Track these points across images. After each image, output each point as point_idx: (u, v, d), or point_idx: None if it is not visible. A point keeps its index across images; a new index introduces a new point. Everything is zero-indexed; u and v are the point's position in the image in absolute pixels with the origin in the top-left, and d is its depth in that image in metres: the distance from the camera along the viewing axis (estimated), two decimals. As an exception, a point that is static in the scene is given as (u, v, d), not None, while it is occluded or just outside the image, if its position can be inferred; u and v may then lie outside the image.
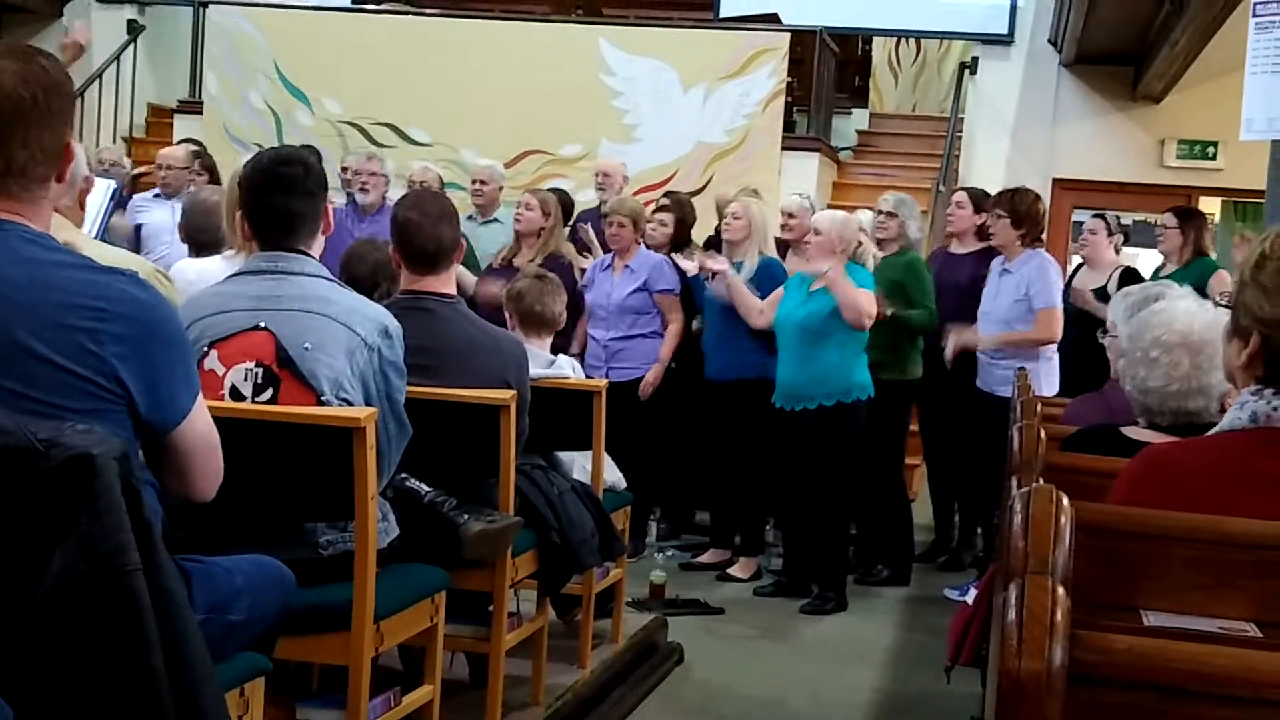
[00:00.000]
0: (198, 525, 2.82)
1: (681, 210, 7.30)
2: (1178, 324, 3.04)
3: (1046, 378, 6.11)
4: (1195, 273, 6.44)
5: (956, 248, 6.99)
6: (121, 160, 8.79)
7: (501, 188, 8.07)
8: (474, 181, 8.04)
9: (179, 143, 8.58)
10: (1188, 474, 2.24)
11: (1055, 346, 6.32)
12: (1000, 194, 6.56)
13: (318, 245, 3.30)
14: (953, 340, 6.39)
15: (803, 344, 6.03)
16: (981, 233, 6.78)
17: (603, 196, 7.79)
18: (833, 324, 5.97)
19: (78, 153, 3.19)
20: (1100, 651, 1.50)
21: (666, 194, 7.77)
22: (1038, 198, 6.58)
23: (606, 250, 6.94)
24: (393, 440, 3.27)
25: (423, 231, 3.87)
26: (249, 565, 2.62)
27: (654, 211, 7.13)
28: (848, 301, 5.91)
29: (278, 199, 3.22)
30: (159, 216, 7.63)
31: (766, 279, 6.44)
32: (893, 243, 6.64)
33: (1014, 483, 2.78)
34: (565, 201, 7.66)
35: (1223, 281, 6.52)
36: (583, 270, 7.00)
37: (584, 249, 7.25)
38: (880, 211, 6.75)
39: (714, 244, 7.03)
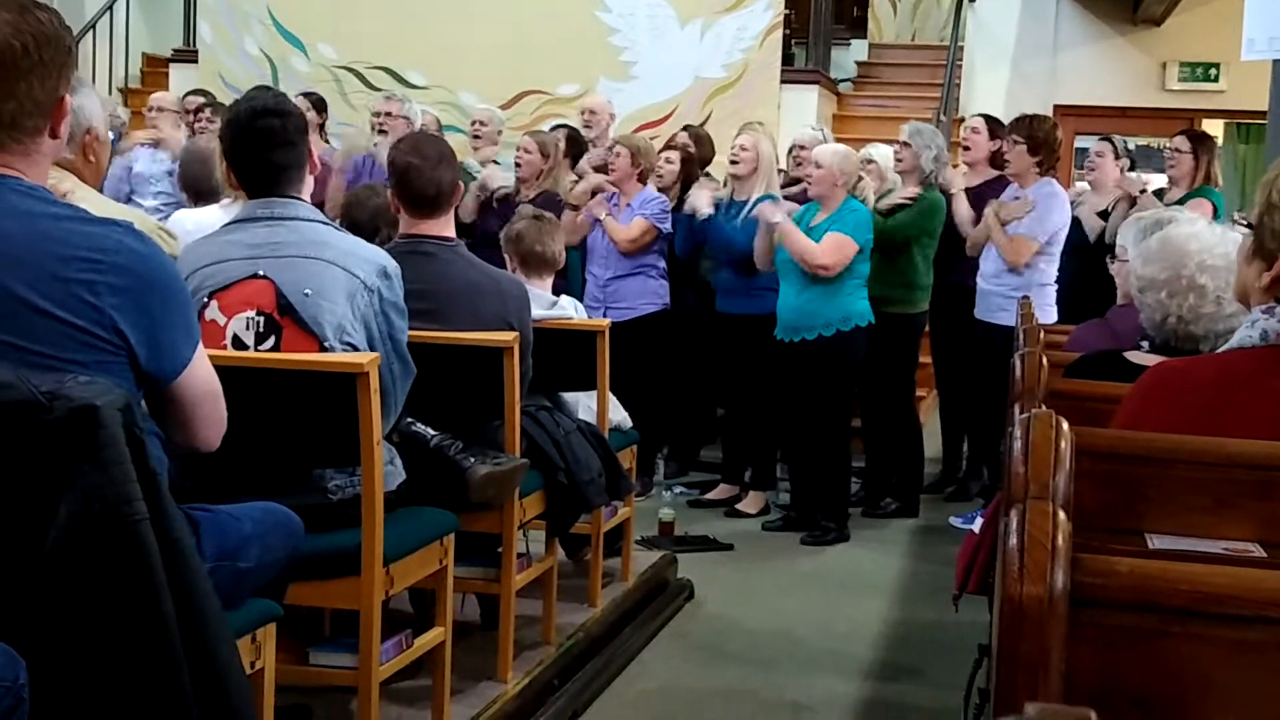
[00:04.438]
0: (206, 475, 2.83)
1: (698, 145, 7.25)
2: (1219, 247, 3.00)
3: (1042, 308, 6.09)
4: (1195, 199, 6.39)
5: (970, 178, 6.92)
6: (117, 110, 8.75)
7: (500, 130, 8.04)
8: (473, 123, 8.01)
9: (186, 95, 8.54)
10: (1198, 389, 2.25)
11: (1052, 278, 6.29)
12: (1018, 120, 6.49)
13: (308, 187, 3.30)
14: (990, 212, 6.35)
15: (801, 278, 6.03)
16: (994, 160, 6.74)
17: (589, 135, 7.74)
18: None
19: (90, 106, 3.20)
20: (1102, 574, 1.50)
21: (686, 127, 7.72)
22: (1056, 125, 6.53)
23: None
24: (398, 380, 3.28)
25: (422, 175, 3.85)
26: (257, 513, 2.63)
27: (660, 151, 7.08)
28: (796, 252, 5.92)
29: (260, 153, 3.21)
30: (146, 164, 7.62)
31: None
32: (910, 175, 6.58)
33: (1016, 410, 2.79)
34: (575, 138, 7.60)
35: (1203, 209, 6.44)
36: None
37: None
38: (897, 141, 6.69)
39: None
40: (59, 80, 2.18)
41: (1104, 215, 6.82)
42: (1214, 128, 11.06)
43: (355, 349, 3.16)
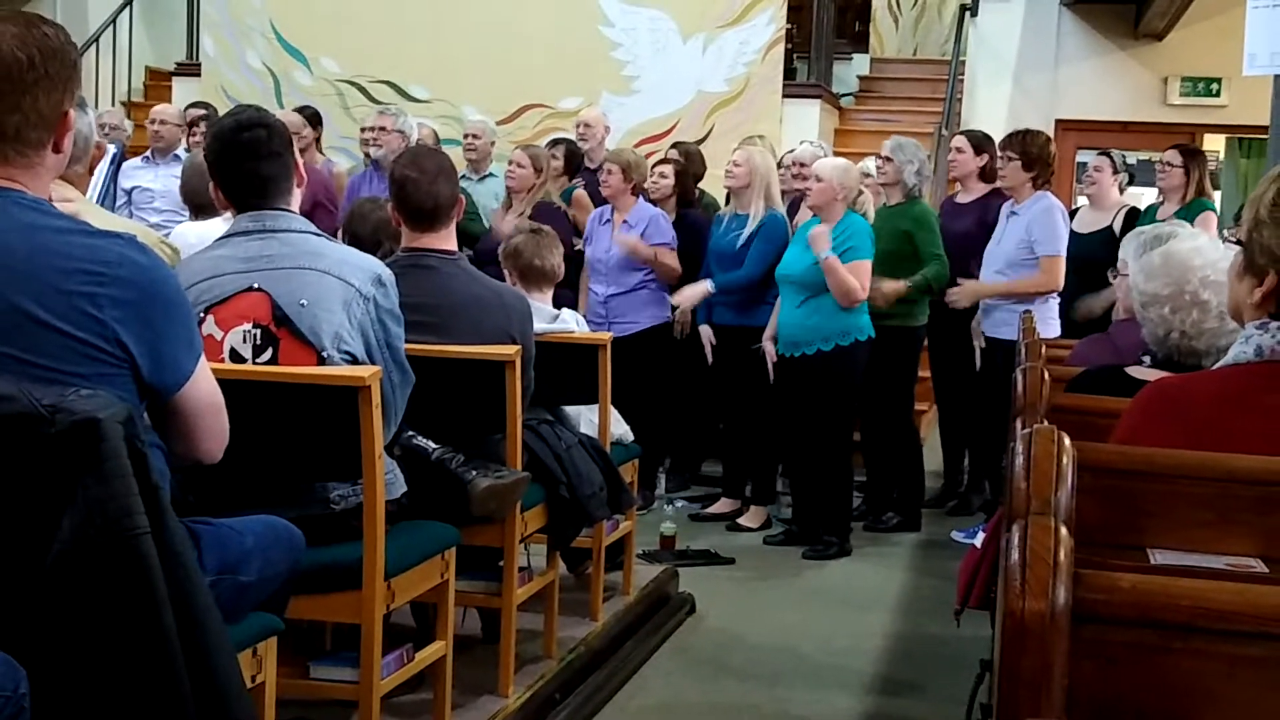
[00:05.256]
0: (208, 488, 2.83)
1: (689, 161, 7.26)
2: (1222, 262, 3.00)
3: (1045, 321, 6.10)
4: (1194, 213, 6.41)
5: (962, 195, 6.96)
6: (122, 123, 8.77)
7: (494, 142, 8.05)
8: (466, 136, 8.03)
9: (187, 107, 8.55)
10: (1194, 406, 2.26)
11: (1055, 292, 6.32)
12: (1011, 135, 6.51)
13: (295, 199, 3.30)
14: (959, 294, 6.38)
15: (801, 294, 6.04)
16: (985, 175, 6.76)
17: (584, 147, 7.77)
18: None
19: (87, 120, 3.23)
20: (1104, 590, 1.50)
21: (675, 145, 7.73)
22: (1049, 139, 6.54)
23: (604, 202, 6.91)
24: (397, 388, 3.29)
25: (420, 189, 3.86)
26: (258, 526, 2.63)
27: (655, 165, 7.10)
28: (838, 287, 5.92)
29: (246, 166, 3.21)
30: (146, 179, 7.63)
31: (768, 234, 6.41)
32: (894, 188, 6.60)
33: (1018, 425, 2.79)
34: (574, 152, 7.62)
35: (1209, 224, 6.46)
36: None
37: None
38: (879, 156, 6.72)
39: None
40: (64, 94, 2.19)
41: (1106, 231, 6.84)
42: (1215, 142, 11.11)
43: (353, 358, 3.16)
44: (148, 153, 7.96)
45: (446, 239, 3.96)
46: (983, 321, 6.44)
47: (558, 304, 4.93)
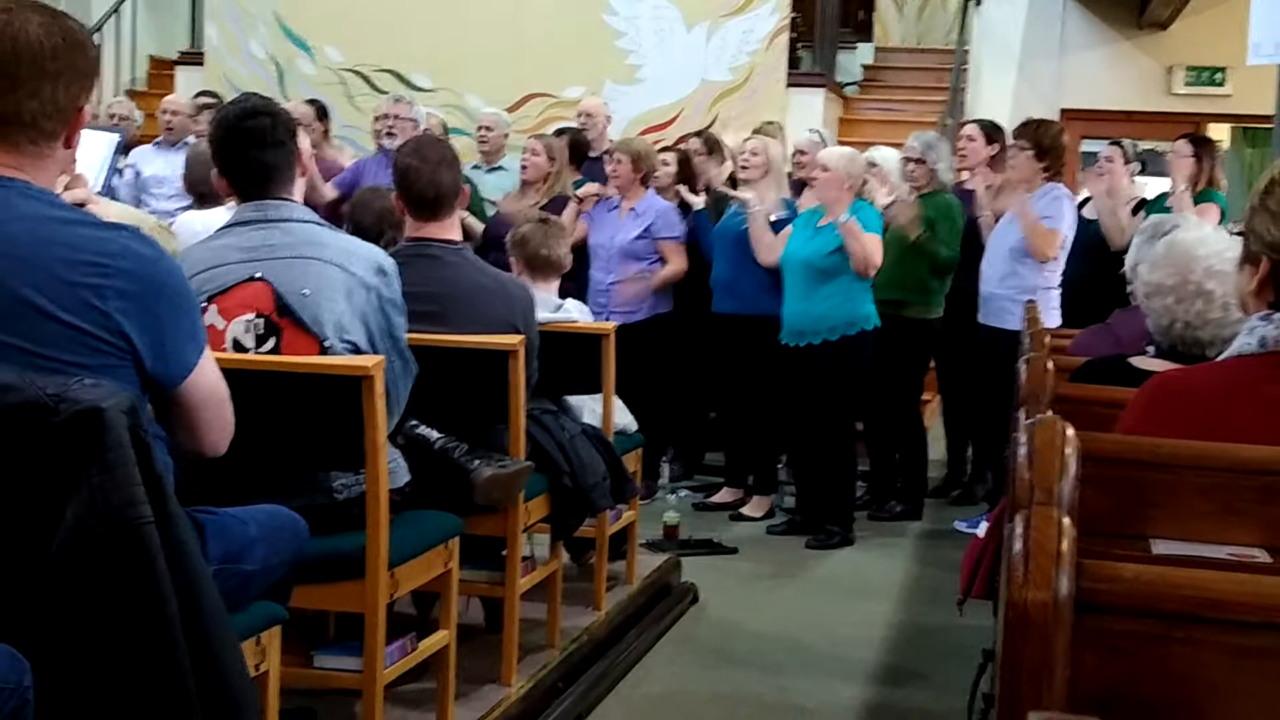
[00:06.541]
0: (212, 478, 2.83)
1: (711, 150, 7.22)
2: (1228, 252, 2.99)
3: (1046, 311, 6.08)
4: (1203, 203, 6.39)
5: (971, 182, 6.94)
6: (132, 114, 8.78)
7: (507, 134, 8.04)
8: (479, 128, 8.02)
9: (196, 95, 8.55)
10: (1198, 398, 2.25)
11: (1057, 282, 6.28)
12: (1024, 125, 6.45)
13: (298, 189, 3.30)
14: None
15: (808, 281, 6.03)
16: (994, 165, 6.73)
17: (585, 137, 7.76)
18: (838, 262, 5.97)
19: None
20: (1106, 580, 1.50)
21: (698, 133, 7.71)
22: (1062, 130, 6.51)
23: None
24: (399, 378, 3.29)
25: (422, 177, 3.86)
26: (262, 515, 2.63)
27: (660, 151, 7.09)
28: (858, 253, 5.91)
29: (250, 154, 3.21)
30: (158, 166, 7.64)
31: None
32: (928, 186, 6.57)
33: (1022, 415, 2.78)
34: (579, 141, 7.61)
35: (1210, 214, 6.43)
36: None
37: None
38: (908, 160, 6.66)
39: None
40: (81, 90, 2.19)
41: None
42: (1220, 132, 11.07)
43: (355, 347, 3.16)
44: (158, 139, 7.98)
45: (450, 228, 3.96)
46: (981, 311, 6.41)
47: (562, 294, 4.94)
